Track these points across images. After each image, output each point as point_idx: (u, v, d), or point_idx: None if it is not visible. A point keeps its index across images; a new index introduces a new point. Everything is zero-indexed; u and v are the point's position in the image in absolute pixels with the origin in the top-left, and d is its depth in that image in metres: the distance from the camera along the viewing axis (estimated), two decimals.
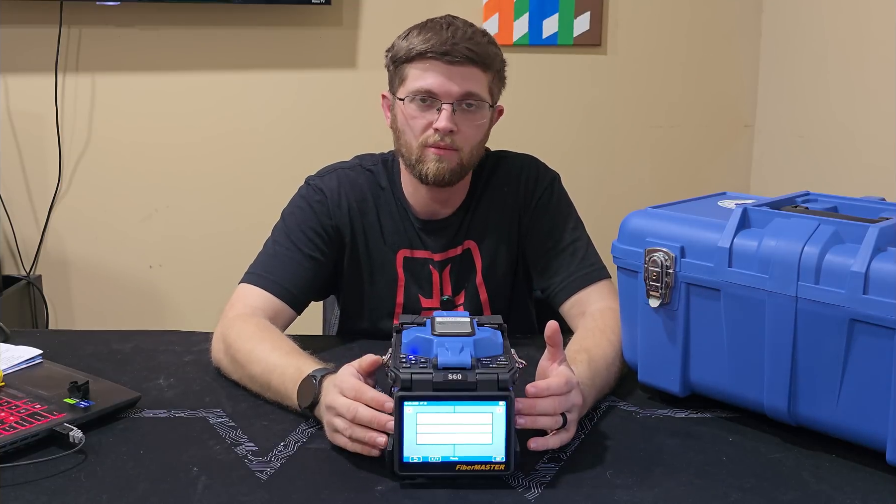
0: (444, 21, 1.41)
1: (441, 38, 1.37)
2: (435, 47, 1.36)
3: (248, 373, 1.25)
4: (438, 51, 1.36)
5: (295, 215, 1.48)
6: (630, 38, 2.89)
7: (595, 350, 1.24)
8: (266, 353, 1.23)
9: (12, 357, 1.32)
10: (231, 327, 1.32)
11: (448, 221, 1.50)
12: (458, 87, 1.38)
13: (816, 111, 2.66)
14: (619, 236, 1.22)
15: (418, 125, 1.40)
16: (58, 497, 0.96)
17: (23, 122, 2.60)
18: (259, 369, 1.23)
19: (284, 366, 1.20)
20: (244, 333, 1.29)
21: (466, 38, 1.38)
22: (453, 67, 1.37)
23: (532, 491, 0.99)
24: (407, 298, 1.51)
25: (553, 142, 2.82)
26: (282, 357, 1.22)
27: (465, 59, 1.37)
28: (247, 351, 1.26)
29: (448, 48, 1.36)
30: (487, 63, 1.40)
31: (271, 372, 1.21)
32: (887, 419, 0.99)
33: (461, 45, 1.37)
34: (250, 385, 1.25)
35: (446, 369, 0.98)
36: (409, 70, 1.40)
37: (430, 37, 1.37)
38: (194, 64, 2.67)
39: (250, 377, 1.25)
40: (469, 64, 1.38)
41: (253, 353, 1.25)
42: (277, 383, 1.19)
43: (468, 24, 1.42)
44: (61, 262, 2.69)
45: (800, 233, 1.06)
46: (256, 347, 1.25)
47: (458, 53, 1.36)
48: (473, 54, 1.37)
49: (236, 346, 1.28)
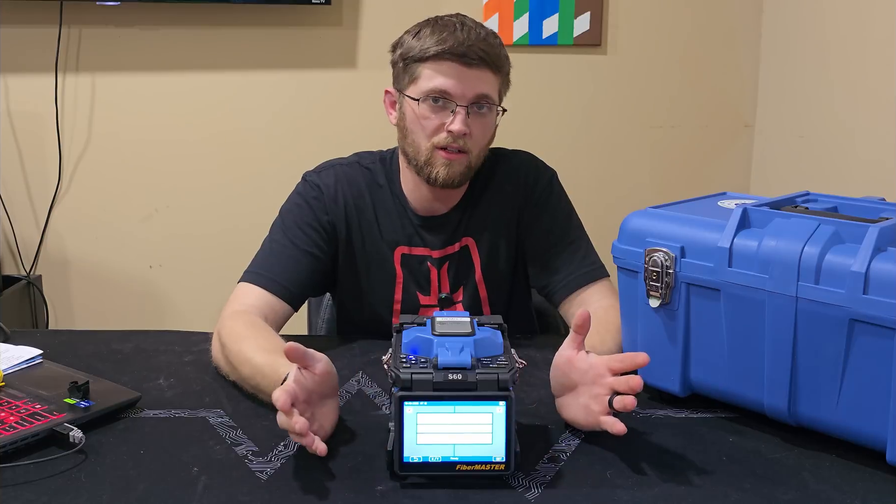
0: (456, 21, 1.40)
1: (457, 39, 1.36)
2: (452, 48, 1.36)
3: (240, 374, 1.24)
4: (455, 52, 1.36)
5: (292, 212, 1.48)
6: (630, 38, 2.89)
7: (601, 348, 1.24)
8: (251, 353, 1.22)
9: (12, 357, 1.32)
10: (224, 326, 1.32)
11: (447, 218, 1.50)
12: (473, 89, 1.38)
13: (817, 111, 2.66)
14: (619, 236, 1.22)
15: (430, 126, 1.39)
16: (58, 497, 0.96)
17: (23, 122, 2.60)
18: (247, 371, 1.22)
19: (265, 366, 1.18)
20: (234, 333, 1.29)
21: (481, 39, 1.38)
22: (469, 69, 1.37)
23: (532, 491, 0.99)
24: (405, 295, 1.51)
25: (553, 142, 2.82)
26: (264, 356, 1.20)
27: (480, 60, 1.37)
28: (236, 352, 1.25)
29: (465, 50, 1.36)
30: (499, 65, 1.41)
31: (256, 374, 1.20)
32: (887, 419, 0.99)
33: (477, 46, 1.36)
34: (243, 385, 1.25)
35: (446, 369, 0.98)
36: (423, 69, 1.39)
37: (445, 37, 1.37)
38: (194, 64, 2.67)
39: (242, 378, 1.24)
40: (483, 66, 1.38)
41: (241, 354, 1.24)
42: (264, 385, 1.18)
43: (478, 24, 1.42)
44: (61, 262, 2.69)
45: (800, 233, 1.06)
46: (243, 348, 1.24)
47: (474, 55, 1.36)
48: (488, 56, 1.38)
49: (228, 346, 1.28)
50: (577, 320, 1.09)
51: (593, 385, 1.08)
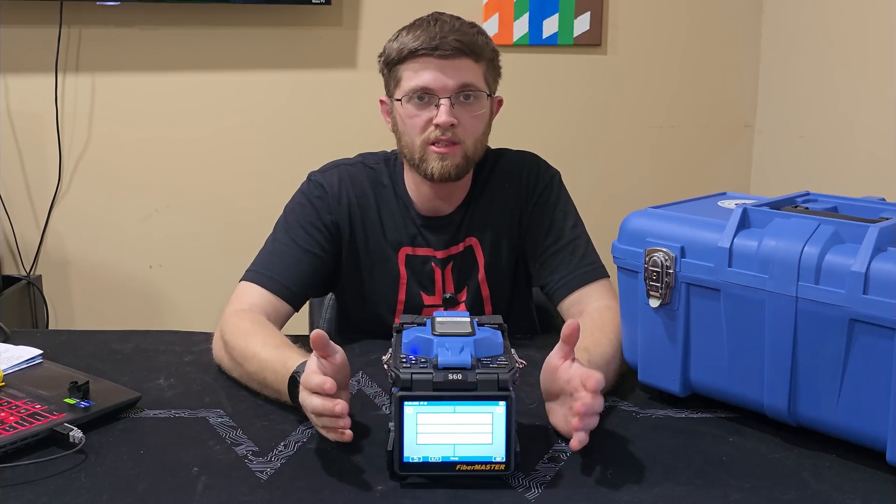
0: (430, 18, 1.41)
1: (430, 34, 1.37)
2: (425, 43, 1.37)
3: (246, 370, 1.25)
4: (429, 46, 1.37)
5: (295, 211, 1.49)
6: (630, 38, 2.89)
7: (595, 349, 1.24)
8: (258, 348, 1.24)
9: (12, 357, 1.32)
10: (227, 324, 1.33)
11: (450, 218, 1.51)
12: (453, 79, 1.38)
13: (817, 111, 2.66)
14: (619, 236, 1.22)
15: (418, 123, 1.40)
16: (58, 497, 0.96)
17: (23, 122, 2.60)
18: (254, 367, 1.23)
19: (274, 361, 1.20)
20: (238, 330, 1.30)
21: (454, 30, 1.38)
22: (446, 61, 1.37)
23: (532, 491, 0.99)
24: (409, 296, 1.51)
25: (553, 141, 2.81)
26: (272, 352, 1.22)
27: (455, 51, 1.37)
28: (241, 348, 1.26)
29: (438, 42, 1.37)
30: (478, 52, 1.40)
31: (265, 369, 1.21)
32: (887, 419, 0.99)
33: (450, 37, 1.37)
34: (249, 383, 1.26)
35: (446, 369, 0.98)
36: (403, 70, 1.40)
37: (418, 34, 1.38)
38: (194, 64, 2.67)
39: (248, 374, 1.25)
40: (460, 56, 1.38)
41: (247, 350, 1.25)
42: (272, 380, 1.19)
43: (455, 17, 1.42)
44: (61, 262, 2.69)
45: (800, 233, 1.06)
46: (249, 344, 1.26)
47: (447, 46, 1.37)
48: (463, 45, 1.38)
49: (232, 343, 1.29)
50: (565, 330, 1.09)
51: (571, 397, 1.08)
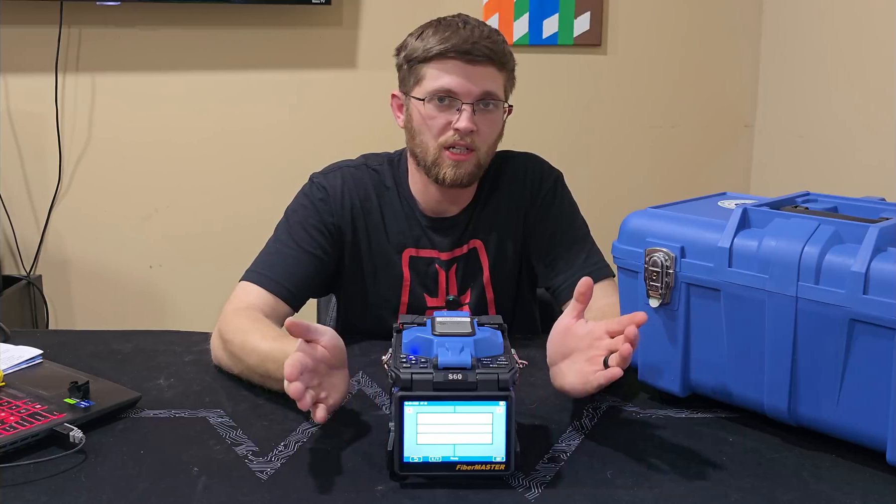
0: (458, 20, 1.41)
1: (461, 38, 1.37)
2: (456, 46, 1.36)
3: (247, 364, 1.25)
4: (459, 50, 1.36)
5: (297, 213, 1.48)
6: (630, 38, 2.89)
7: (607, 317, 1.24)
8: (257, 342, 1.24)
9: (12, 357, 1.32)
10: (225, 322, 1.33)
11: (455, 220, 1.51)
12: (478, 86, 1.38)
13: (816, 111, 2.66)
14: (619, 236, 1.22)
15: (437, 125, 1.40)
16: (58, 497, 0.96)
17: (23, 122, 2.60)
18: (255, 360, 1.23)
19: (274, 351, 1.20)
20: (237, 327, 1.30)
21: (484, 36, 1.38)
22: (473, 67, 1.37)
23: (532, 491, 0.99)
24: (412, 297, 1.51)
25: (553, 142, 2.82)
26: (271, 343, 1.22)
27: (484, 58, 1.37)
28: (240, 343, 1.26)
29: (469, 47, 1.36)
30: (504, 62, 1.41)
31: (266, 360, 1.21)
32: (887, 419, 0.99)
33: (481, 43, 1.37)
34: (251, 376, 1.25)
35: (446, 369, 0.98)
36: (427, 70, 1.39)
37: (448, 36, 1.37)
38: (194, 64, 2.67)
39: (249, 368, 1.25)
40: (488, 63, 1.38)
41: (246, 345, 1.25)
42: (274, 370, 1.19)
43: (481, 22, 1.42)
44: (61, 262, 2.69)
45: (800, 233, 1.06)
46: (248, 339, 1.26)
47: (478, 52, 1.36)
48: (492, 53, 1.38)
49: (232, 339, 1.29)
50: (579, 288, 1.10)
51: (589, 348, 1.10)
